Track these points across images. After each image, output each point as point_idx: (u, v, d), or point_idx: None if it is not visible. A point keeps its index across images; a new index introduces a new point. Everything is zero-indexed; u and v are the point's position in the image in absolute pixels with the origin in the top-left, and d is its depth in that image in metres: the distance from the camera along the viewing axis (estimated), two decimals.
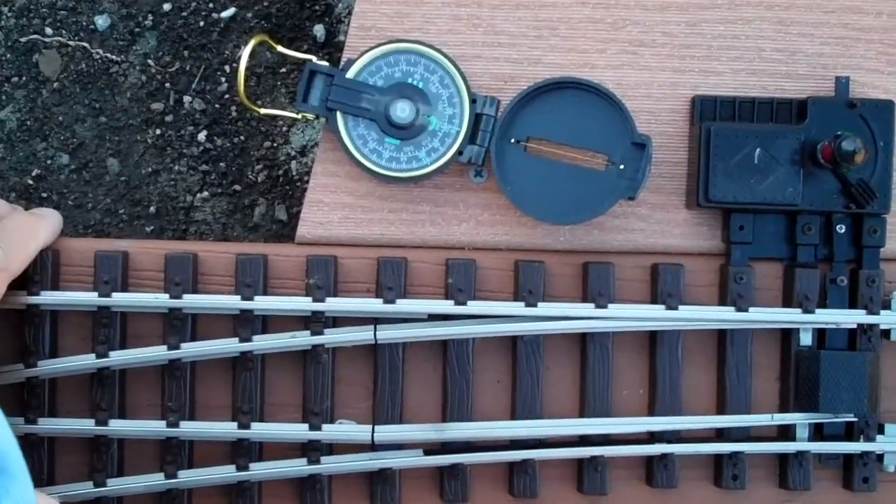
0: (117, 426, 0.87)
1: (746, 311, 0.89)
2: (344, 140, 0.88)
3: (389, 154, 0.88)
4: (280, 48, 0.91)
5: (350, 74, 0.88)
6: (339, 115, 0.88)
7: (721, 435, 0.91)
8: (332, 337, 0.88)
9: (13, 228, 0.85)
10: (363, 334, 0.88)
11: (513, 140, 0.88)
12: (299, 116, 0.90)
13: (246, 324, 0.88)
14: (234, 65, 1.02)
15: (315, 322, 0.88)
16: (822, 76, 0.92)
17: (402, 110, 0.88)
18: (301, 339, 0.88)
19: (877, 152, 0.89)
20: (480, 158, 0.88)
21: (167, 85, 1.03)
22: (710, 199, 0.88)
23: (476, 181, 0.91)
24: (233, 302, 0.88)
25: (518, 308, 0.88)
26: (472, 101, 0.88)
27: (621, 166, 0.87)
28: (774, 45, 0.92)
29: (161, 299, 0.87)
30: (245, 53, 0.87)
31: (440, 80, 0.88)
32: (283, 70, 1.03)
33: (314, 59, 0.89)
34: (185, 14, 1.03)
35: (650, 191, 0.91)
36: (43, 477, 0.88)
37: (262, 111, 0.91)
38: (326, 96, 0.88)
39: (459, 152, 0.88)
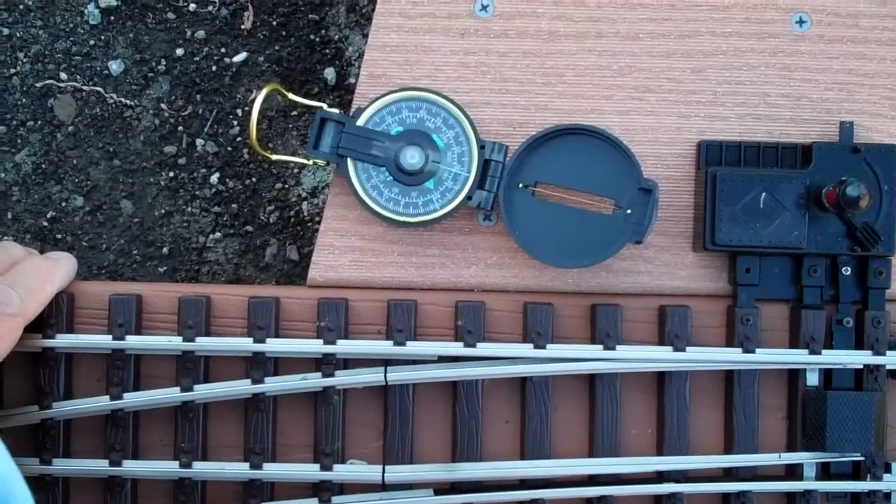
0: (131, 467, 0.88)
1: (753, 352, 0.90)
2: (354, 186, 0.90)
3: (399, 199, 0.90)
4: (291, 96, 0.93)
5: (360, 122, 0.90)
6: (349, 161, 0.90)
7: (729, 474, 0.91)
8: (343, 379, 0.89)
9: (29, 273, 0.86)
10: (374, 376, 0.89)
11: (521, 185, 0.90)
12: (310, 163, 0.91)
13: (258, 366, 0.89)
14: (246, 108, 1.04)
15: (326, 364, 0.89)
16: (826, 121, 0.93)
17: (411, 157, 0.89)
18: (312, 380, 0.89)
19: (881, 196, 0.90)
20: (489, 203, 0.90)
21: (180, 128, 1.04)
22: (717, 243, 0.89)
23: (485, 225, 0.92)
24: (245, 344, 0.89)
25: (527, 350, 0.89)
26: (481, 147, 0.89)
27: (628, 211, 0.88)
28: (779, 91, 0.93)
29: (174, 342, 0.89)
30: (256, 104, 0.89)
31: (449, 126, 0.90)
32: (295, 113, 1.05)
33: (325, 106, 0.90)
34: (197, 59, 1.05)
35: (657, 234, 0.93)
36: None
37: (274, 157, 0.93)
38: (337, 143, 0.90)
39: (468, 197, 0.90)
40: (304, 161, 0.92)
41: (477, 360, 0.89)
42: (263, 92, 0.89)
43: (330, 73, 1.06)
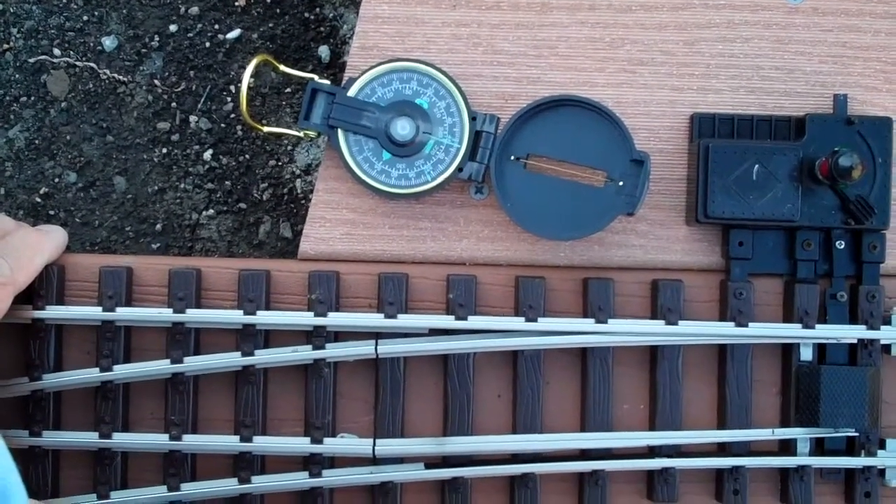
0: (121, 439, 0.88)
1: (746, 326, 0.89)
2: (345, 157, 0.89)
3: (390, 171, 0.89)
4: (283, 67, 0.92)
5: (351, 93, 0.89)
6: (340, 132, 0.89)
7: (722, 449, 0.91)
8: (333, 351, 0.88)
9: (19, 244, 0.86)
10: (364, 349, 0.88)
11: (513, 157, 0.89)
12: (301, 134, 0.91)
13: (248, 338, 0.88)
14: (240, 85, 1.04)
15: (317, 336, 0.88)
16: (820, 94, 0.92)
17: (402, 128, 0.89)
18: (303, 353, 0.88)
19: (875, 169, 0.89)
20: (480, 175, 0.89)
21: (173, 105, 1.04)
22: (709, 216, 0.89)
23: (476, 198, 0.92)
24: (235, 316, 0.88)
25: (518, 323, 0.89)
26: (472, 119, 0.89)
27: (620, 183, 0.88)
28: (773, 63, 0.93)
29: (164, 314, 0.88)
30: (247, 72, 0.89)
31: (440, 97, 0.89)
32: (288, 90, 1.04)
33: (316, 77, 0.90)
34: (191, 35, 1.04)
35: (650, 207, 0.92)
36: (47, 490, 0.88)
37: (266, 129, 0.92)
38: (328, 114, 0.89)
39: (460, 169, 0.89)
40: (296, 133, 0.91)
41: (468, 334, 0.89)
42: (254, 62, 0.89)
43: (324, 51, 1.05)
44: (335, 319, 0.88)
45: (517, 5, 0.92)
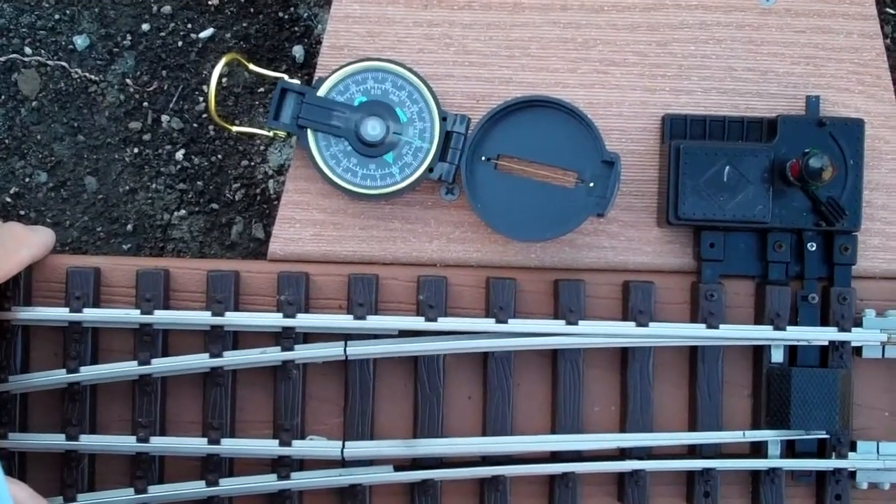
0: (88, 441, 0.88)
1: (717, 328, 0.89)
2: (315, 157, 0.89)
3: (360, 171, 0.89)
4: (252, 66, 0.92)
5: (321, 92, 0.89)
6: (310, 132, 0.89)
7: (693, 451, 0.91)
8: (302, 353, 0.88)
9: (6, 234, 0.87)
10: (333, 350, 0.88)
11: (483, 158, 0.89)
12: (271, 134, 0.90)
13: (216, 339, 0.88)
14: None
15: (286, 338, 0.88)
16: (792, 95, 0.92)
17: (372, 128, 0.88)
18: (271, 354, 0.88)
19: (846, 170, 0.89)
20: (451, 176, 0.89)
21: (145, 104, 1.03)
22: (680, 217, 0.88)
23: (447, 199, 0.92)
24: (203, 318, 0.88)
25: (489, 324, 0.88)
26: (443, 119, 0.89)
27: (591, 184, 0.88)
28: (745, 65, 0.92)
29: (132, 315, 0.88)
30: (216, 71, 0.88)
31: (410, 98, 0.89)
32: (262, 90, 1.04)
33: (286, 77, 0.89)
34: (163, 34, 1.04)
35: (621, 209, 0.92)
36: None
37: (235, 129, 0.92)
38: (297, 114, 0.89)
39: (430, 169, 0.89)
40: (266, 133, 0.91)
41: (438, 335, 0.89)
42: (223, 61, 0.89)
43: (298, 51, 1.05)
44: (304, 321, 0.88)
45: (489, 5, 0.92)
